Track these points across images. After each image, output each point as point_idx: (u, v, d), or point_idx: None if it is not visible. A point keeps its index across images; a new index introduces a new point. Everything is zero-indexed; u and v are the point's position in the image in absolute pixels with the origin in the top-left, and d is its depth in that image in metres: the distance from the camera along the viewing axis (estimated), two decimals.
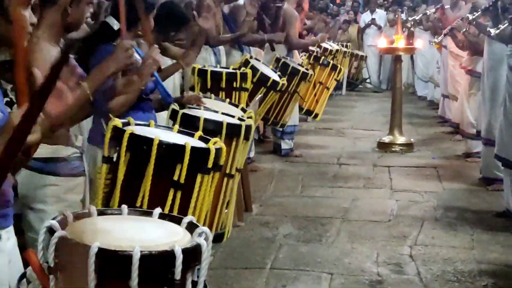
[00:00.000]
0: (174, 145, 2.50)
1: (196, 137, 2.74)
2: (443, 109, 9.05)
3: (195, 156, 2.50)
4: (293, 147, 7.17)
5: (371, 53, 13.15)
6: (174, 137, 2.64)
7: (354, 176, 6.34)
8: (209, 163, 2.55)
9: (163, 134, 2.63)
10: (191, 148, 2.48)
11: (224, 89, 4.81)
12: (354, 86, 13.07)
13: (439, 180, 6.20)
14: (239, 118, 3.60)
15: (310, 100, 7.13)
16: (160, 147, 2.45)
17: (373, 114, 10.18)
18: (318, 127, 8.79)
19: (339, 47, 10.56)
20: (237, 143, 3.35)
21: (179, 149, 2.48)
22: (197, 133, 2.76)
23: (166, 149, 2.47)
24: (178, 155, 2.48)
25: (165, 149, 2.47)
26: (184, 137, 2.72)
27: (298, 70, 6.22)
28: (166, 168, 2.49)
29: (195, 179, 2.55)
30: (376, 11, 13.65)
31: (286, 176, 6.34)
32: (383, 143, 7.52)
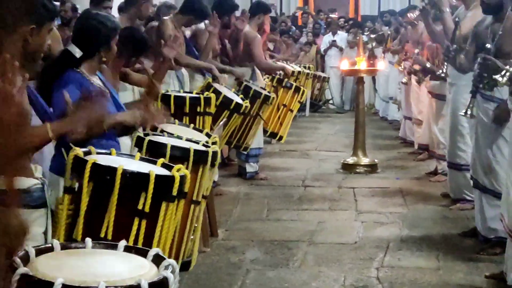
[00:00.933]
0: (138, 174, 2.47)
1: (159, 164, 2.71)
2: (404, 131, 9.14)
3: (159, 184, 2.47)
4: (258, 170, 7.15)
5: (333, 74, 13.25)
6: (137, 165, 2.61)
7: (320, 198, 6.34)
8: (174, 190, 2.53)
9: (126, 162, 2.60)
10: (156, 176, 2.46)
11: (188, 114, 4.78)
12: (317, 107, 13.14)
13: (404, 201, 6.23)
14: (204, 144, 3.58)
15: (274, 122, 7.14)
16: (124, 176, 2.41)
17: (336, 135, 10.24)
18: (282, 149, 8.79)
19: (302, 69, 10.63)
20: (203, 169, 3.34)
21: (143, 178, 2.45)
22: (160, 160, 2.73)
23: (130, 178, 2.44)
24: (142, 183, 2.45)
25: (129, 178, 2.44)
26: (147, 164, 2.69)
27: (260, 93, 6.22)
28: (130, 197, 2.46)
29: (160, 207, 2.52)
30: (337, 33, 13.78)
31: (252, 199, 6.31)
32: (347, 164, 7.55)
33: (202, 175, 3.34)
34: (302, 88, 7.35)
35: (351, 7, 19.95)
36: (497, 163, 4.70)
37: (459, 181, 5.86)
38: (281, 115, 7.12)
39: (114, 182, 2.41)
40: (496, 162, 4.71)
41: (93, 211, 2.45)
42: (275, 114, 7.05)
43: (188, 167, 3.25)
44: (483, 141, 4.78)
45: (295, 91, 7.20)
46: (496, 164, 4.71)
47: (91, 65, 3.31)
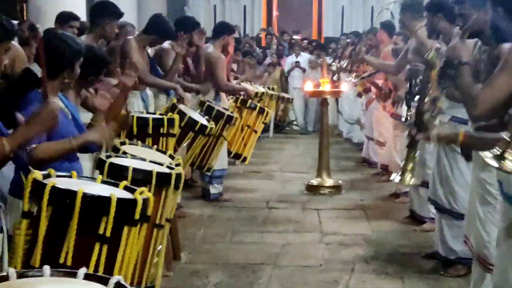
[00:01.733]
0: (99, 197, 2.39)
1: (121, 187, 2.63)
2: (367, 151, 9.17)
3: (121, 208, 2.40)
4: (222, 191, 7.09)
5: (296, 96, 13.27)
6: (98, 189, 2.53)
7: (284, 220, 6.30)
8: (136, 214, 2.46)
9: (87, 185, 2.52)
10: (117, 199, 2.38)
11: (151, 135, 4.70)
12: (281, 128, 13.16)
13: (368, 222, 6.23)
14: (168, 166, 3.51)
15: (238, 143, 7.08)
16: (84, 200, 2.34)
17: (301, 156, 10.23)
18: (246, 170, 8.74)
19: (266, 90, 10.62)
20: (167, 192, 3.27)
21: (104, 201, 2.38)
22: (122, 183, 2.65)
23: (91, 201, 2.36)
24: (103, 207, 2.38)
25: (90, 202, 2.36)
26: (108, 188, 2.61)
27: (223, 114, 6.18)
28: (91, 221, 2.38)
29: (121, 232, 2.44)
30: (300, 54, 13.85)
31: (216, 221, 6.24)
32: (311, 186, 7.53)
33: (165, 198, 3.27)
34: (266, 109, 7.31)
35: (314, 29, 20.09)
36: (457, 183, 4.75)
37: (421, 198, 5.89)
38: (245, 136, 7.07)
39: (74, 206, 2.33)
40: (456, 182, 4.76)
41: (52, 236, 2.37)
42: (239, 135, 7.00)
43: (151, 190, 3.19)
44: (444, 161, 4.82)
45: (259, 112, 7.16)
46: (455, 184, 4.76)
47: (53, 85, 3.23)
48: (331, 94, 8.25)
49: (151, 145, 4.50)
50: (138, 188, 2.58)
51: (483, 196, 3.93)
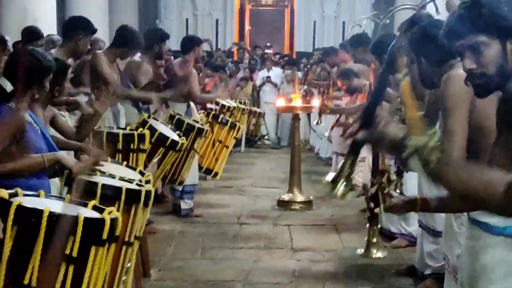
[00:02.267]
0: (66, 217, 2.35)
1: (90, 207, 2.59)
2: (336, 167, 9.17)
3: (88, 227, 2.36)
4: (192, 206, 7.04)
5: (268, 110, 13.28)
6: (66, 208, 2.49)
7: (255, 235, 6.27)
8: (104, 234, 2.42)
9: (54, 204, 2.47)
10: (84, 219, 2.34)
11: (121, 151, 4.66)
12: (253, 143, 13.13)
13: (339, 238, 6.22)
14: (137, 183, 3.47)
15: (209, 158, 7.04)
16: (50, 219, 2.29)
17: (272, 171, 10.22)
18: (218, 185, 8.70)
19: (237, 104, 10.61)
20: (136, 209, 3.24)
21: (71, 221, 2.33)
22: (91, 203, 2.61)
23: (57, 221, 2.32)
24: (70, 227, 2.33)
25: (56, 221, 2.31)
26: (76, 207, 2.57)
27: (193, 126, 6.15)
28: (57, 241, 2.33)
29: (89, 252, 2.40)
30: (272, 69, 13.88)
31: (186, 237, 6.18)
32: (283, 201, 7.51)
33: (134, 215, 3.24)
34: (238, 124, 7.30)
35: (286, 43, 20.20)
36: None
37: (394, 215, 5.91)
38: (217, 151, 7.04)
39: (40, 226, 2.28)
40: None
41: (17, 257, 2.32)
42: (210, 150, 6.97)
43: (120, 207, 3.15)
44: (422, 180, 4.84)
45: (231, 127, 7.13)
46: None
47: (21, 101, 3.18)
48: (302, 110, 8.27)
49: (121, 161, 4.47)
50: (107, 208, 2.54)
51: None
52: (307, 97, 9.22)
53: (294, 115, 7.91)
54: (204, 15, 18.33)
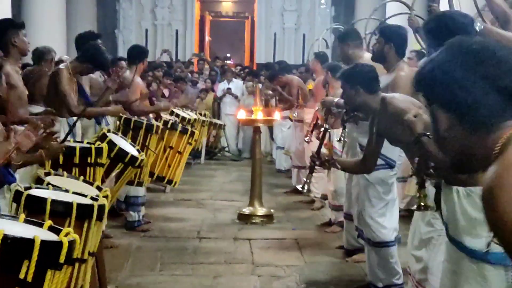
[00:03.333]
0: (21, 240, 2.24)
1: (46, 227, 2.48)
2: (296, 180, 9.15)
3: (45, 251, 2.26)
4: (141, 219, 6.84)
5: (228, 122, 13.23)
6: (20, 229, 2.38)
7: (215, 250, 6.17)
8: (61, 257, 2.32)
9: (8, 225, 2.36)
10: (41, 242, 2.24)
11: (77, 165, 4.55)
12: (213, 155, 13.04)
13: (300, 253, 6.16)
14: (92, 198, 3.38)
15: (161, 165, 6.82)
16: (4, 242, 2.18)
17: (232, 184, 10.14)
18: (176, 198, 8.58)
19: (197, 116, 10.53)
20: (89, 225, 3.15)
21: (27, 244, 2.23)
22: (47, 223, 2.50)
23: (12, 243, 2.21)
24: (26, 250, 2.22)
25: (11, 245, 2.20)
26: (31, 227, 2.46)
27: (141, 122, 6.10)
28: (11, 265, 2.23)
29: (44, 277, 2.29)
30: (232, 81, 13.83)
31: (144, 252, 6.05)
32: (243, 215, 7.43)
33: (87, 231, 3.15)
34: (190, 129, 7.07)
35: (246, 55, 20.20)
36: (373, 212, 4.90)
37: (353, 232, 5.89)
38: (168, 156, 6.84)
39: None
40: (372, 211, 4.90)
41: None
42: (161, 156, 6.78)
43: (71, 222, 3.06)
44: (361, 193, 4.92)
45: (182, 133, 6.92)
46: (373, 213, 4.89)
47: None
48: (263, 123, 8.22)
49: (77, 175, 4.36)
50: (64, 229, 2.44)
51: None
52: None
53: (255, 128, 7.85)
54: (164, 26, 18.20)
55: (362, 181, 4.94)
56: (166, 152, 6.77)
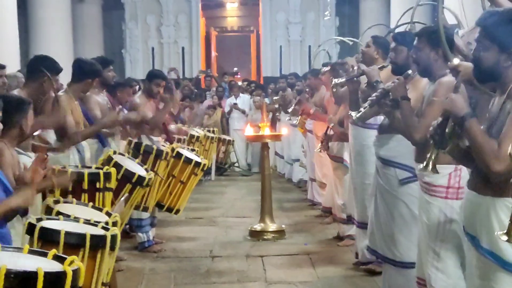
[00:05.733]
0: (24, 273, 2.23)
1: (50, 257, 2.47)
2: (312, 193, 9.13)
3: (49, 282, 2.25)
4: (151, 240, 6.81)
5: (237, 137, 13.23)
6: (24, 261, 2.37)
7: (228, 269, 6.14)
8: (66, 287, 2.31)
9: (12, 258, 2.36)
10: (44, 274, 2.23)
11: (86, 191, 4.55)
12: (223, 171, 13.04)
13: (313, 268, 6.13)
14: (103, 227, 3.37)
15: (162, 192, 6.59)
16: (7, 277, 2.18)
17: (243, 199, 10.12)
18: (188, 217, 8.57)
19: (205, 132, 10.54)
20: (102, 255, 3.15)
21: (30, 277, 2.22)
22: (51, 252, 2.49)
23: (15, 278, 2.20)
24: (30, 283, 2.22)
25: (14, 279, 2.19)
26: (36, 258, 2.46)
27: (152, 148, 6.09)
28: None
29: None
30: (239, 96, 13.84)
31: (157, 274, 6.04)
32: (255, 231, 7.41)
33: (101, 261, 3.15)
34: (194, 160, 6.78)
35: (253, 69, 20.23)
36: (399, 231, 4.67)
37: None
38: (171, 184, 6.64)
39: None
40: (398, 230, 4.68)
41: None
42: (163, 183, 6.53)
43: (85, 254, 3.06)
44: (382, 208, 4.76)
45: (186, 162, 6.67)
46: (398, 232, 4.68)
47: None
48: (271, 139, 8.20)
49: (87, 201, 4.37)
50: (68, 257, 2.43)
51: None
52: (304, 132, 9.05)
53: (263, 144, 7.83)
54: (170, 43, 18.26)
55: (388, 198, 4.72)
56: (169, 179, 6.61)
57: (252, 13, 20.10)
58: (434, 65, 3.93)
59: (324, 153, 7.59)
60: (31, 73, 5.26)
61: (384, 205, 4.75)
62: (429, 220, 3.87)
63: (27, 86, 5.25)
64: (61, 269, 2.35)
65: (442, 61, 3.90)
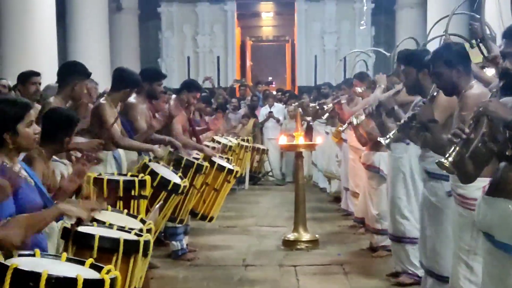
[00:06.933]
0: (64, 279, 2.28)
1: (87, 265, 2.52)
2: (346, 202, 9.10)
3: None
4: (185, 248, 6.84)
5: (271, 146, 13.24)
6: (63, 269, 2.42)
7: (260, 279, 6.15)
8: None
9: (51, 265, 2.42)
10: (84, 280, 2.27)
11: (122, 198, 4.61)
12: (257, 180, 13.07)
13: (347, 279, 6.10)
14: (136, 234, 3.42)
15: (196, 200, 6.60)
16: (49, 282, 2.23)
17: (277, 209, 10.13)
18: (222, 226, 8.60)
19: (239, 141, 10.59)
20: (135, 260, 3.19)
21: (70, 283, 2.27)
22: (88, 261, 2.54)
23: (56, 284, 2.25)
24: None
25: (55, 284, 2.24)
26: (74, 266, 2.51)
27: (192, 162, 6.11)
28: None
29: None
30: (273, 105, 13.87)
31: (190, 282, 6.06)
32: (288, 241, 7.40)
33: (133, 267, 3.19)
34: (227, 167, 6.85)
35: (288, 78, 20.27)
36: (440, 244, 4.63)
37: (399, 253, 5.83)
38: (204, 192, 6.68)
39: None
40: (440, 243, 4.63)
41: None
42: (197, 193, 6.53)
43: (118, 258, 3.11)
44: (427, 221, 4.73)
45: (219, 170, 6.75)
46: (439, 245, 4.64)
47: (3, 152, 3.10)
48: (305, 148, 8.19)
49: (122, 208, 4.42)
50: (106, 267, 2.47)
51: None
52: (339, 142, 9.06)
53: (296, 153, 7.84)
54: (205, 53, 18.42)
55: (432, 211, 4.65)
56: (202, 187, 6.64)
57: (287, 23, 20.17)
58: (459, 82, 3.92)
59: (358, 163, 7.59)
60: (62, 79, 5.39)
61: (429, 218, 4.72)
62: (461, 233, 3.85)
63: (59, 93, 5.37)
64: (100, 277, 2.40)
65: (465, 75, 3.92)
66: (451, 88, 3.97)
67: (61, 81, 5.41)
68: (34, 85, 6.89)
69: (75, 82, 5.30)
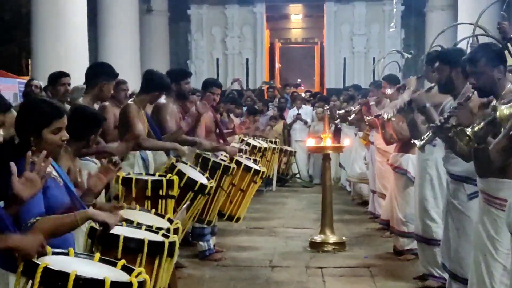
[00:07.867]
0: (92, 281, 2.32)
1: (119, 267, 2.56)
2: (373, 205, 9.07)
3: None
4: (212, 248, 6.89)
5: (299, 148, 13.24)
6: (93, 269, 2.46)
7: (287, 280, 6.16)
8: None
9: (82, 265, 2.46)
10: (111, 283, 2.31)
11: (149, 198, 4.67)
12: (285, 182, 13.08)
13: (373, 281, 6.09)
14: (163, 234, 3.46)
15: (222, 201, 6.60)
16: (76, 283, 2.27)
17: (304, 211, 10.14)
18: (249, 226, 8.64)
19: (267, 143, 10.60)
20: (160, 261, 3.23)
21: (98, 285, 2.31)
22: (120, 263, 2.58)
23: (83, 285, 2.29)
24: None
25: (82, 285, 2.29)
26: (105, 267, 2.55)
27: (219, 164, 6.14)
28: None
29: None
30: (302, 107, 13.87)
31: (217, 282, 6.11)
32: (315, 243, 7.41)
33: (158, 267, 3.23)
34: (254, 168, 6.86)
35: (316, 80, 20.24)
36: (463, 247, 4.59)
37: (426, 255, 5.81)
38: (231, 193, 6.70)
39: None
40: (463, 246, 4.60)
41: None
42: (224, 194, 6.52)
43: (143, 259, 3.15)
44: (451, 224, 4.71)
45: (245, 170, 6.74)
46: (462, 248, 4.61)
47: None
48: (333, 150, 8.20)
49: (149, 208, 4.47)
50: (136, 269, 2.51)
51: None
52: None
53: (324, 155, 7.83)
54: (235, 55, 18.48)
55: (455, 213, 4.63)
56: (229, 188, 6.66)
57: (316, 25, 20.15)
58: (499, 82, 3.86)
59: (385, 165, 7.57)
60: (89, 80, 5.47)
61: (452, 220, 4.70)
62: (498, 235, 3.78)
63: (87, 93, 5.45)
64: (128, 280, 2.43)
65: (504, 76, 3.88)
66: (489, 88, 3.89)
67: (88, 82, 5.49)
68: (63, 86, 7.00)
69: (103, 83, 5.37)
